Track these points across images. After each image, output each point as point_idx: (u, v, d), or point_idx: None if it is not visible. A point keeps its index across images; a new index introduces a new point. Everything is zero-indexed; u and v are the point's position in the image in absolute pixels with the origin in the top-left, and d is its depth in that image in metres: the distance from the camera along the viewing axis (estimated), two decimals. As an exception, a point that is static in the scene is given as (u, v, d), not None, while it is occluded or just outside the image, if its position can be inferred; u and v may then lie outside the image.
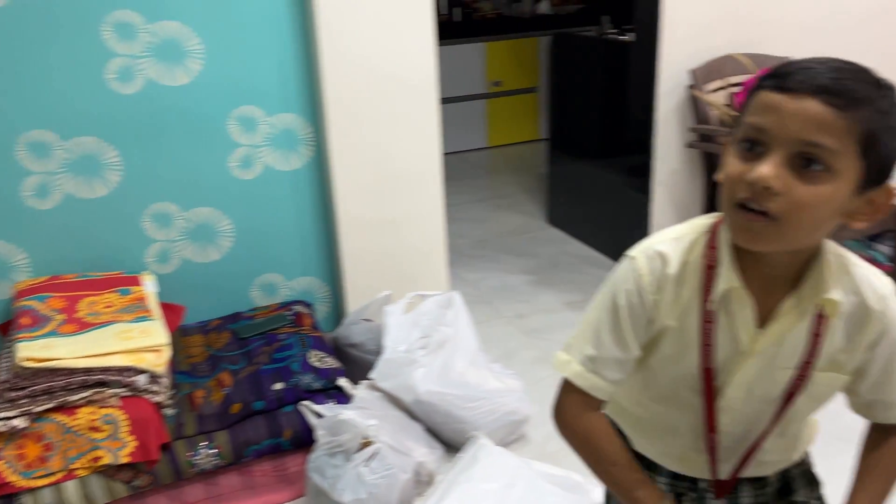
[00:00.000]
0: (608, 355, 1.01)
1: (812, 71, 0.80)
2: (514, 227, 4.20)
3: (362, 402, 2.14)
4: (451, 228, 3.97)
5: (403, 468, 1.94)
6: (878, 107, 0.79)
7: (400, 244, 2.64)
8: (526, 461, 2.13)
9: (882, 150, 0.81)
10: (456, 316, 2.39)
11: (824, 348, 0.95)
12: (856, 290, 0.93)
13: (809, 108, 0.78)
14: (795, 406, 1.00)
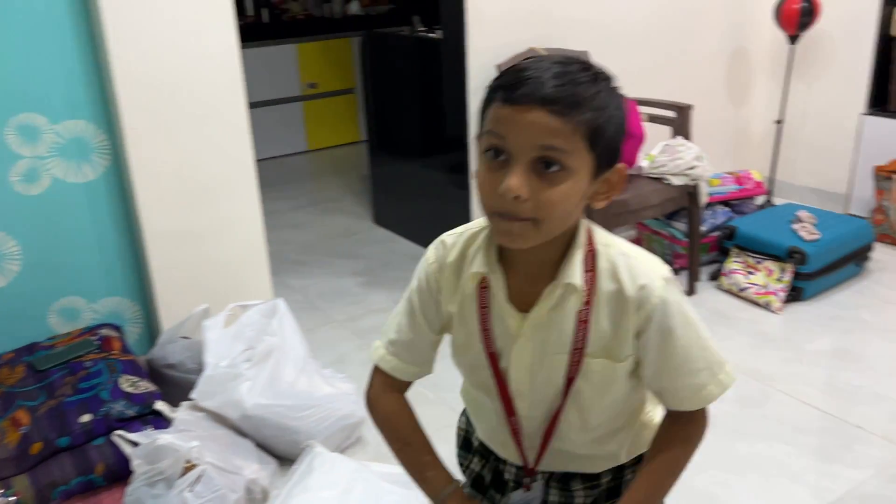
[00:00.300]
0: (405, 338, 1.09)
1: (535, 82, 0.85)
2: (341, 229, 4.14)
3: (184, 424, 1.99)
4: (275, 235, 3.84)
5: (233, 488, 1.83)
6: (597, 104, 0.86)
7: (216, 255, 2.50)
8: (363, 464, 2.09)
9: (607, 138, 0.89)
10: (281, 324, 2.30)
11: (593, 335, 0.98)
12: (616, 278, 0.97)
13: (538, 119, 0.84)
14: (581, 393, 1.02)
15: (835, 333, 2.85)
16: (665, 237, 3.39)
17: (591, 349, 0.99)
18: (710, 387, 1.01)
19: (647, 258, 0.99)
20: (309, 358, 2.34)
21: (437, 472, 1.10)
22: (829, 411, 2.37)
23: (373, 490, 1.96)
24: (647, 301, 0.95)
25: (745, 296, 3.07)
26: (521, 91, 0.85)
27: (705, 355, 1.01)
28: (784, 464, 2.14)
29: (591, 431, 1.07)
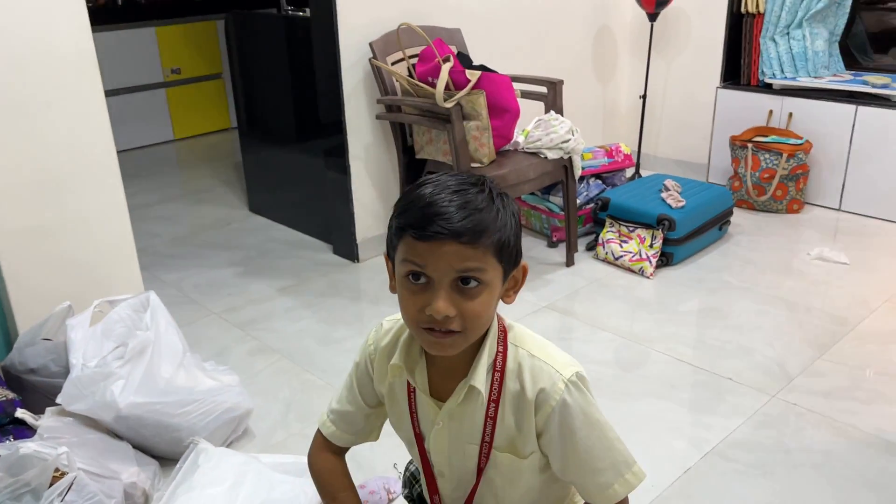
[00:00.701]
0: (343, 409, 1.20)
1: (443, 219, 0.93)
2: (214, 219, 3.96)
3: (50, 431, 1.84)
4: (143, 229, 3.63)
5: (109, 493, 1.71)
6: (499, 223, 0.96)
7: (77, 251, 2.32)
8: (253, 456, 2.00)
9: (510, 248, 0.99)
10: (155, 318, 2.16)
11: (499, 430, 1.05)
12: (519, 379, 1.03)
13: (452, 250, 0.93)
14: (492, 481, 1.08)
15: (702, 294, 3.02)
16: (543, 212, 3.46)
17: (498, 443, 1.06)
18: (615, 486, 1.05)
19: (555, 358, 1.04)
20: (187, 352, 2.22)
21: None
22: (701, 366, 2.51)
23: (264, 481, 1.89)
24: (546, 404, 1.01)
25: (620, 264, 3.20)
26: (433, 230, 0.93)
27: (610, 455, 1.05)
28: (664, 419, 2.25)
29: None
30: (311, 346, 2.71)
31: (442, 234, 0.93)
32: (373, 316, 2.93)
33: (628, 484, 1.05)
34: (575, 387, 1.01)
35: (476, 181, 0.99)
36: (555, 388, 1.00)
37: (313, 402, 2.38)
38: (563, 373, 1.01)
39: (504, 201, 0.99)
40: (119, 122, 2.41)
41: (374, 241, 3.38)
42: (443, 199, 0.94)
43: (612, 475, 1.04)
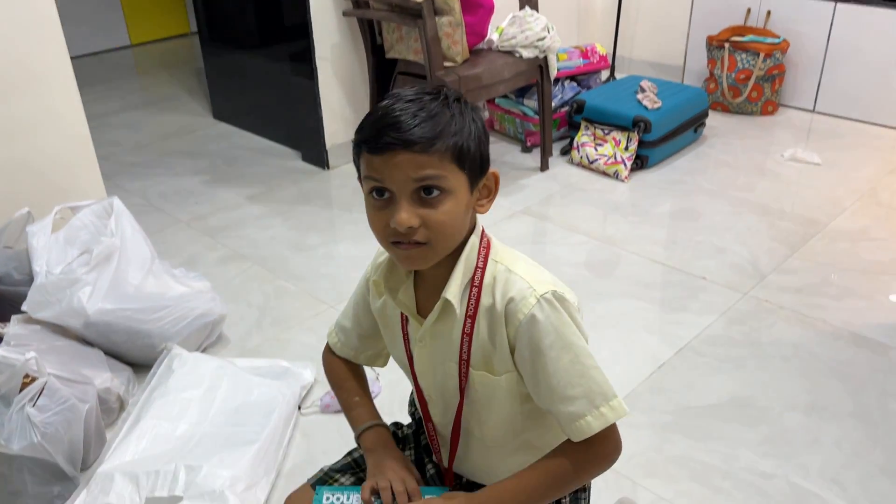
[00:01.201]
0: (346, 324, 1.20)
1: (393, 128, 0.90)
2: (178, 127, 3.82)
3: (17, 339, 1.80)
4: (104, 137, 3.50)
5: (82, 398, 1.68)
6: (454, 128, 0.92)
7: (32, 155, 2.21)
8: (228, 360, 1.99)
9: (472, 154, 0.95)
10: (119, 223, 2.09)
11: (475, 347, 1.01)
12: (492, 293, 0.99)
13: (406, 160, 0.91)
14: (473, 403, 1.05)
15: (677, 196, 3.01)
16: (517, 115, 3.39)
17: (474, 361, 1.02)
18: (587, 418, 0.95)
19: (531, 274, 0.98)
20: (156, 258, 2.16)
21: (361, 411, 1.17)
22: (675, 266, 2.52)
23: (241, 384, 1.88)
24: (514, 316, 0.97)
25: (595, 167, 3.16)
26: (384, 140, 0.91)
27: (584, 383, 0.96)
28: (637, 318, 2.27)
29: (492, 445, 1.09)
30: (283, 252, 2.67)
31: (394, 144, 0.90)
32: (345, 223, 2.88)
33: (603, 417, 0.95)
34: (548, 303, 0.95)
35: (434, 91, 0.96)
36: (524, 301, 0.95)
37: (287, 308, 2.36)
38: (537, 288, 0.96)
39: (462, 107, 0.95)
40: (69, 26, 2.26)
41: (344, 147, 3.29)
42: (395, 110, 0.92)
43: (585, 405, 0.95)
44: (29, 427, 1.53)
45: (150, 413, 1.78)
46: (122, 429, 1.77)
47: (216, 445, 1.69)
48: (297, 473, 1.73)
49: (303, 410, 1.92)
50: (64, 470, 1.61)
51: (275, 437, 1.75)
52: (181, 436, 1.73)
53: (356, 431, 1.15)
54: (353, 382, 1.20)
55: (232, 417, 1.78)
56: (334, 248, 2.71)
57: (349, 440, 1.81)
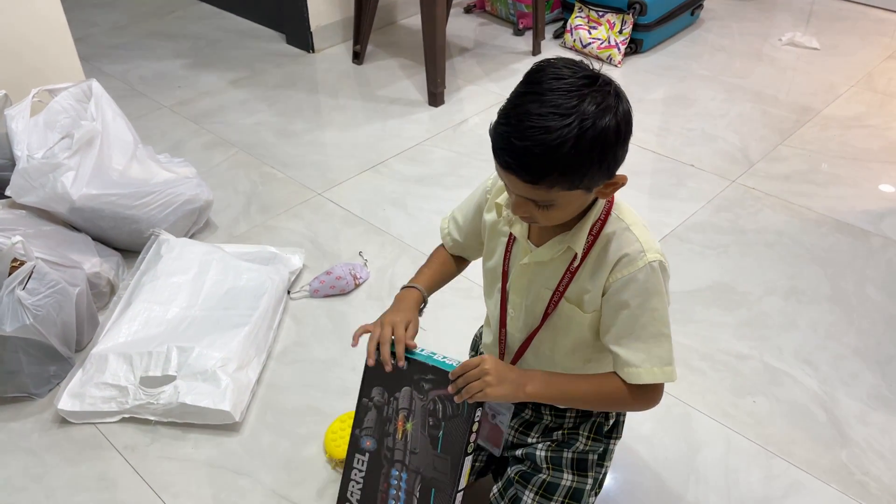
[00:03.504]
0: (457, 217, 1.26)
1: (510, 152, 0.91)
2: (156, 6, 3.67)
3: (3, 223, 1.79)
4: (79, 17, 3.36)
5: (73, 282, 1.70)
6: (570, 163, 0.90)
7: (4, 36, 2.13)
8: (216, 246, 2.00)
9: (590, 176, 0.93)
10: (100, 107, 2.04)
11: (574, 285, 1.08)
12: (607, 244, 1.04)
13: (518, 182, 0.93)
14: (553, 328, 1.13)
15: (671, 82, 2.95)
16: (509, -5, 3.26)
17: (569, 295, 1.09)
18: (640, 370, 1.05)
19: (645, 238, 1.04)
20: (139, 144, 2.13)
21: (415, 277, 1.25)
22: (664, 154, 2.51)
23: (229, 269, 1.90)
24: (620, 269, 1.03)
25: (588, 52, 3.08)
26: (502, 158, 0.93)
27: (650, 343, 1.05)
28: (626, 205, 2.27)
29: (557, 365, 1.16)
30: (268, 138, 2.63)
31: (510, 166, 0.93)
32: (331, 109, 2.83)
33: (653, 376, 1.05)
34: (652, 270, 1.02)
35: (577, 86, 0.89)
36: (634, 261, 1.02)
37: (274, 195, 2.35)
38: (649, 254, 1.02)
39: (587, 120, 0.88)
40: None
41: (330, 28, 3.18)
42: (517, 128, 0.90)
43: (642, 359, 1.05)
44: (20, 309, 1.55)
45: (141, 297, 1.80)
46: (113, 312, 1.80)
47: (207, 328, 1.72)
48: (287, 355, 1.78)
49: (292, 295, 1.95)
50: (58, 350, 1.65)
51: (265, 320, 1.79)
52: (172, 319, 1.76)
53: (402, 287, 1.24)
54: (436, 259, 1.30)
55: (222, 301, 1.81)
56: (320, 135, 2.67)
57: (337, 324, 1.87)
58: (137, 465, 1.52)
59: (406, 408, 1.11)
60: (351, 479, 1.17)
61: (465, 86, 2.92)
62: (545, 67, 0.93)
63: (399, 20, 3.44)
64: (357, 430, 1.16)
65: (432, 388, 1.08)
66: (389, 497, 1.13)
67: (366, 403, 1.15)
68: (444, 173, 2.43)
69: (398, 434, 1.12)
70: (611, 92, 0.91)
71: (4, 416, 1.63)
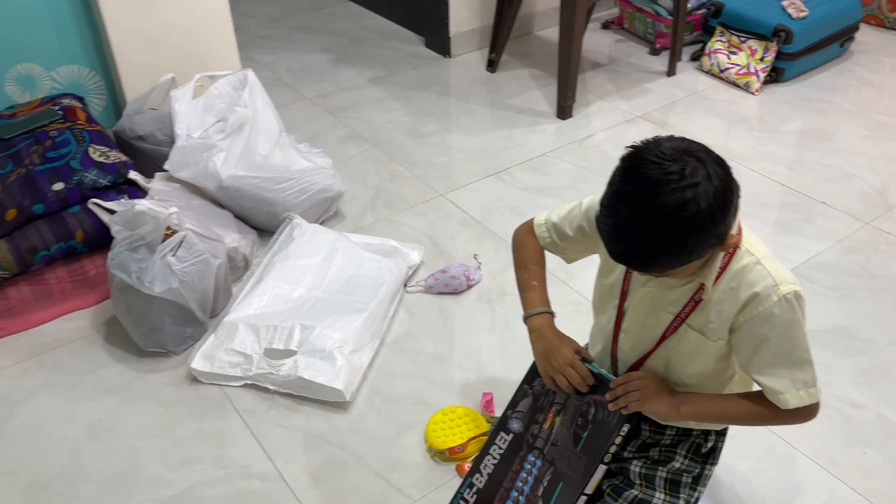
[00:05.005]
0: (562, 225, 1.27)
1: (622, 257, 0.98)
2: (308, 2, 3.89)
3: (160, 194, 1.98)
4: (237, 8, 3.57)
5: (215, 254, 1.86)
6: (668, 254, 0.95)
7: (176, 21, 2.34)
8: (343, 234, 2.12)
9: (699, 251, 0.97)
10: (252, 96, 2.21)
11: (697, 313, 1.10)
12: (738, 279, 1.06)
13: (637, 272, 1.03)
14: (669, 351, 1.15)
15: (809, 114, 2.85)
16: (648, 14, 3.25)
17: (691, 322, 1.11)
18: (786, 395, 1.08)
19: (777, 271, 1.05)
20: (283, 132, 2.29)
21: (535, 295, 1.27)
22: (795, 188, 2.43)
23: (354, 257, 2.01)
24: (753, 307, 1.05)
25: (725, 76, 3.02)
26: (608, 251, 0.99)
27: (792, 369, 1.07)
28: (748, 236, 2.23)
29: (672, 384, 1.18)
30: (399, 137, 2.74)
31: (616, 257, 0.99)
32: (461, 113, 2.91)
33: (800, 398, 1.08)
34: (787, 303, 1.04)
35: (672, 171, 0.91)
36: (768, 297, 1.03)
37: (400, 192, 2.45)
38: (783, 287, 1.03)
39: (692, 216, 0.91)
40: None
41: (468, 35, 3.28)
42: (615, 230, 0.96)
43: (787, 385, 1.07)
44: (169, 273, 1.72)
45: (272, 274, 1.94)
46: (246, 285, 1.95)
47: (328, 310, 1.84)
48: (398, 344, 1.87)
49: (408, 288, 2.04)
50: (196, 315, 1.81)
51: (381, 308, 1.88)
52: (298, 298, 1.89)
53: (526, 312, 1.27)
54: (537, 268, 1.31)
55: (344, 287, 1.92)
56: (448, 138, 2.76)
57: (447, 321, 1.94)
58: (254, 429, 1.65)
59: (561, 403, 1.19)
60: (488, 454, 1.24)
61: (595, 101, 2.94)
62: (636, 162, 0.96)
63: (535, 31, 3.50)
64: (509, 412, 1.24)
65: (590, 393, 1.16)
66: (518, 478, 1.19)
67: (525, 390, 1.23)
68: (564, 185, 2.46)
69: (546, 424, 1.19)
70: (702, 176, 0.92)
71: (143, 368, 1.80)
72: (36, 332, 1.89)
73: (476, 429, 1.59)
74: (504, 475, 1.21)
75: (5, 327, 1.86)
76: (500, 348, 1.85)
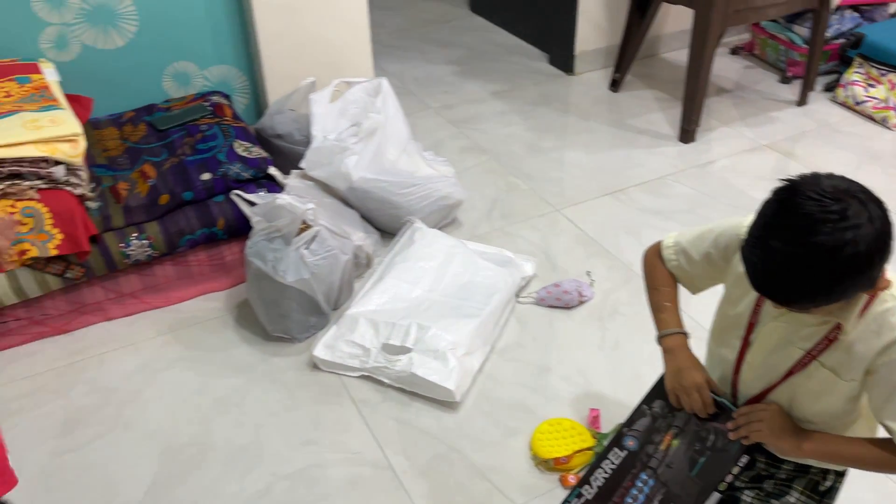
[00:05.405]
0: (693, 254, 1.27)
1: (758, 284, 0.98)
2: (436, 15, 4.01)
3: (295, 190, 2.11)
4: (370, 18, 3.76)
5: (343, 250, 1.97)
6: (817, 296, 0.95)
7: (320, 29, 2.48)
8: (461, 241, 2.19)
9: (848, 294, 0.97)
10: (385, 103, 2.33)
11: (831, 352, 1.08)
12: (877, 322, 1.04)
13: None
14: (795, 388, 1.13)
15: (952, 155, 2.72)
16: (782, 42, 3.17)
17: (823, 360, 1.10)
18: None
19: None
20: (411, 140, 2.39)
21: (668, 316, 1.28)
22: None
23: (470, 264, 2.08)
24: (890, 353, 1.03)
25: (860, 109, 2.92)
26: (753, 284, 0.99)
27: None
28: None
29: (794, 419, 1.17)
30: (518, 151, 2.80)
31: (759, 291, 0.99)
32: (580, 130, 2.94)
33: None
34: None
35: (825, 242, 0.90)
36: None
37: (516, 204, 2.50)
38: None
39: (843, 260, 0.90)
40: None
41: (593, 54, 3.30)
42: (764, 264, 0.96)
43: None
44: (301, 265, 1.84)
45: (392, 274, 2.03)
46: (367, 282, 2.05)
47: (444, 312, 1.91)
48: (507, 352, 1.92)
49: (520, 299, 2.09)
50: (321, 306, 1.92)
51: (493, 316, 1.94)
52: (415, 298, 1.97)
53: (660, 332, 1.28)
54: (669, 289, 1.31)
55: (459, 291, 1.99)
56: (566, 154, 2.79)
57: (557, 334, 1.97)
58: (368, 418, 1.74)
59: (679, 427, 1.21)
60: (599, 467, 1.27)
61: (719, 126, 2.90)
62: (793, 197, 0.94)
63: (661, 53, 3.48)
64: (625, 429, 1.27)
65: (711, 420, 1.18)
66: (629, 495, 1.22)
67: (643, 410, 1.26)
68: (683, 210, 2.45)
69: (662, 445, 1.21)
70: (864, 219, 0.90)
71: (269, 351, 1.93)
72: (176, 308, 2.05)
73: (581, 442, 1.61)
74: (614, 490, 1.23)
75: (150, 301, 2.03)
76: (608, 366, 1.87)
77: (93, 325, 1.99)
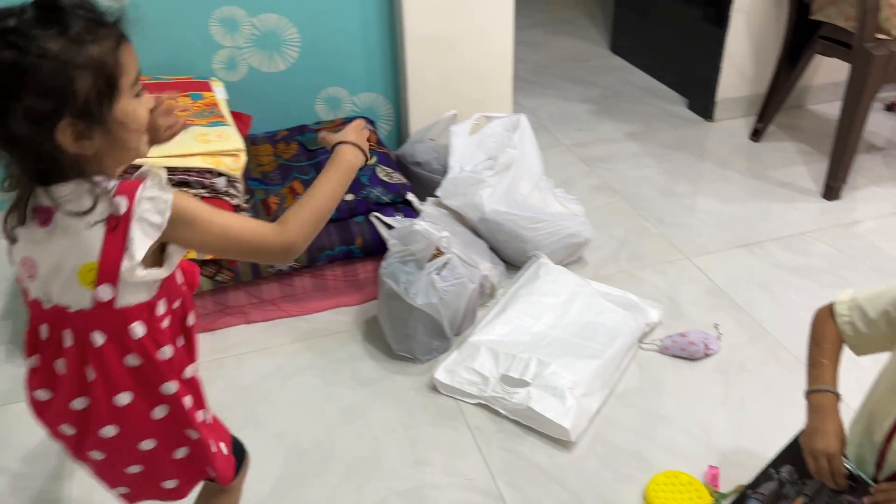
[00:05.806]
0: (870, 313, 1.22)
1: None
2: (575, 53, 4.05)
3: (429, 217, 2.19)
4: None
5: (471, 279, 2.02)
6: None
7: (466, 63, 2.58)
8: (585, 280, 2.20)
9: None
10: (522, 139, 2.38)
11: None
12: None
13: None
14: None
15: None
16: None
17: None
18: None
19: None
20: (543, 175, 2.43)
21: (822, 372, 1.24)
22: None
23: (594, 304, 2.08)
24: None
25: None
26: None
27: None
28: None
29: None
30: (650, 194, 2.78)
31: None
32: (716, 178, 2.88)
33: None
34: None
35: None
36: None
37: (644, 247, 2.48)
38: None
39: None
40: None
41: (735, 101, 3.23)
42: None
43: None
44: (431, 290, 1.91)
45: (515, 307, 2.07)
46: (490, 312, 2.10)
47: (565, 350, 1.92)
48: (626, 397, 1.91)
49: (642, 344, 2.07)
50: (445, 330, 1.98)
51: (615, 359, 1.93)
52: (537, 333, 1.99)
53: (810, 387, 1.24)
54: (831, 346, 1.27)
55: (582, 331, 2.00)
56: (699, 201, 2.74)
57: (679, 385, 1.94)
58: (482, 446, 1.77)
59: (809, 496, 1.18)
60: None
61: (866, 185, 2.76)
62: None
63: (809, 104, 3.36)
64: (749, 490, 1.26)
65: (845, 493, 1.14)
66: None
67: (771, 473, 1.24)
68: (823, 269, 2.35)
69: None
70: None
71: (392, 369, 2.00)
72: (310, 318, 2.17)
73: (698, 499, 1.58)
74: None
75: (287, 310, 2.16)
76: (731, 424, 1.82)
77: (234, 327, 2.14)
